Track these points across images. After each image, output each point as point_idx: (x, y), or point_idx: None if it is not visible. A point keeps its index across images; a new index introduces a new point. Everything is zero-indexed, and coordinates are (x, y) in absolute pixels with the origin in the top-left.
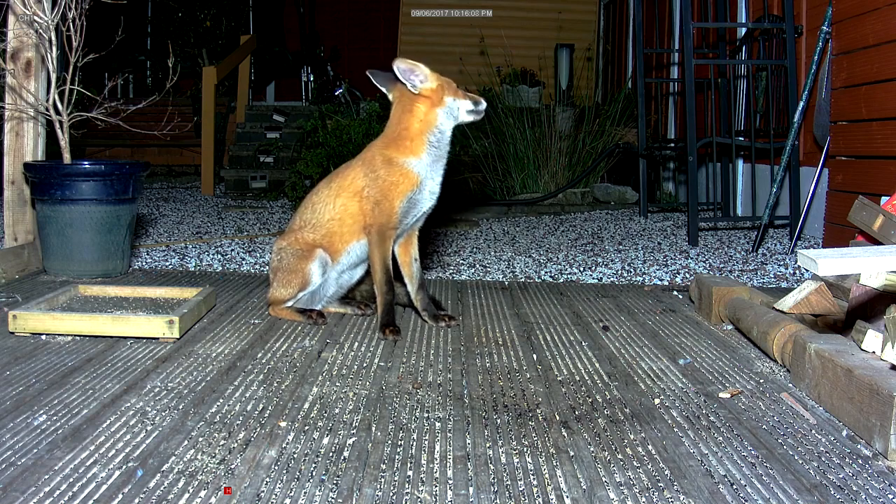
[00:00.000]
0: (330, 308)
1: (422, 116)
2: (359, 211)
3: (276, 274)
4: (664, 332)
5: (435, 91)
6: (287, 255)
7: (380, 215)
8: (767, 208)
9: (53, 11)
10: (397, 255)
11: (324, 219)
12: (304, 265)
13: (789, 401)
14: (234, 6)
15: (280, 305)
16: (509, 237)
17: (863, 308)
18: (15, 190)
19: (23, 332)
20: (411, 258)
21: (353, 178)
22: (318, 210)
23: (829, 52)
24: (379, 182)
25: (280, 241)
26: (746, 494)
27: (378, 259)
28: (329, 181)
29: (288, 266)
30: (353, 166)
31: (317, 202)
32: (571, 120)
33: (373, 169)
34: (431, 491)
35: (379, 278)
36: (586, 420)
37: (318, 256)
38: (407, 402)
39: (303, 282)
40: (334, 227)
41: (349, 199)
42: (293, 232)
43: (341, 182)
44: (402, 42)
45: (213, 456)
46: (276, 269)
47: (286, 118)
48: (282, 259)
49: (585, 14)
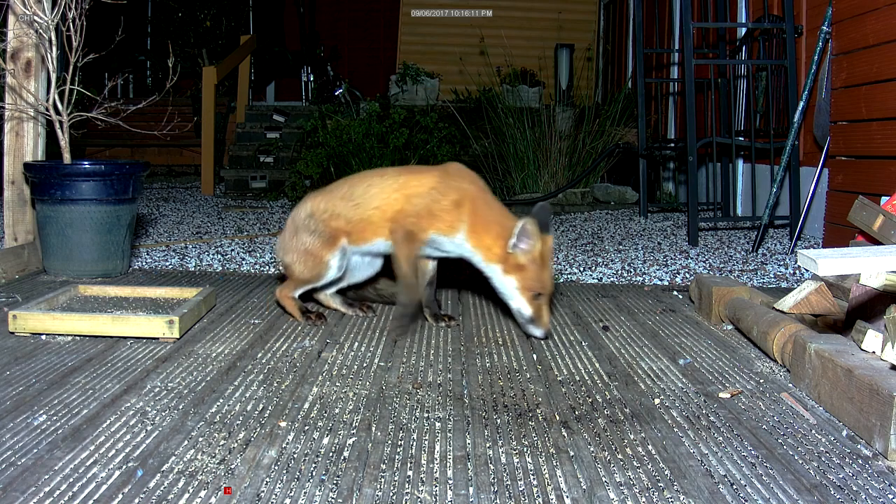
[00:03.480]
0: (332, 303)
1: (495, 257)
2: (399, 209)
3: (296, 255)
4: (664, 332)
5: (519, 266)
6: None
7: (413, 225)
8: (767, 208)
9: (53, 11)
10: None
11: (370, 205)
12: (325, 253)
13: (789, 401)
14: (234, 6)
15: (291, 291)
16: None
17: (863, 308)
18: (15, 190)
19: (23, 332)
20: (426, 267)
21: (420, 183)
22: (371, 194)
23: (829, 52)
24: (434, 208)
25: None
26: (746, 494)
27: (404, 256)
28: (399, 172)
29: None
30: (429, 173)
31: (372, 186)
32: (571, 120)
33: (442, 193)
34: (431, 491)
35: (405, 271)
36: (586, 420)
37: (340, 246)
38: (407, 402)
39: (321, 271)
40: (375, 217)
41: (405, 196)
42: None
43: (409, 180)
44: (402, 42)
45: (213, 456)
46: (297, 251)
47: (286, 118)
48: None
49: (585, 14)
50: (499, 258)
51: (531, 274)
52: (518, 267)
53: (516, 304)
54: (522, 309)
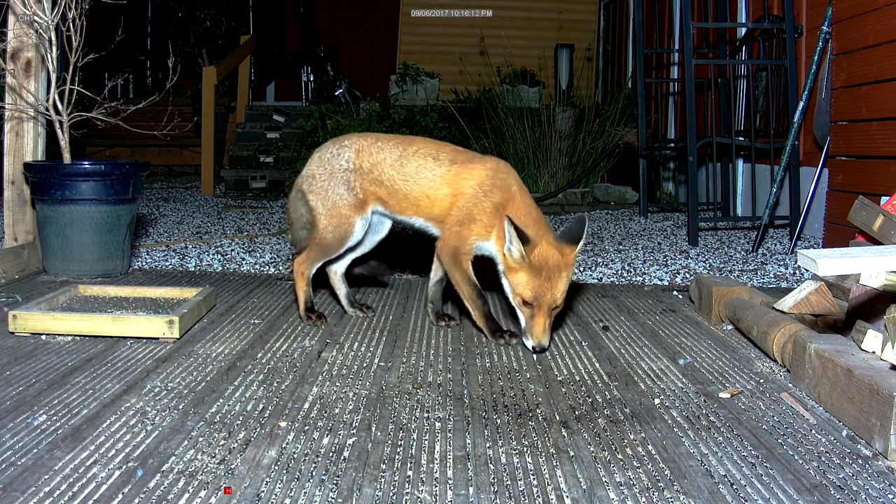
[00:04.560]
0: (338, 290)
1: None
2: (447, 208)
3: (326, 205)
4: (664, 332)
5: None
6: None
7: (458, 239)
8: (767, 208)
9: (53, 11)
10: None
11: (419, 189)
12: (353, 215)
13: (789, 401)
14: (234, 6)
15: (310, 265)
16: None
17: (863, 308)
18: (15, 190)
19: (23, 332)
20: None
21: (470, 175)
22: (422, 177)
23: (829, 52)
24: (475, 211)
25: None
26: (746, 494)
27: (460, 279)
28: (452, 159)
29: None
30: (479, 166)
31: (424, 168)
32: (571, 120)
33: (486, 193)
34: (431, 491)
35: (467, 293)
36: (586, 420)
37: (369, 210)
38: (407, 402)
39: (346, 233)
40: (422, 203)
41: (453, 195)
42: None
43: (460, 171)
44: (402, 42)
45: (213, 456)
46: (327, 199)
47: (286, 118)
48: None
49: (585, 14)
50: (503, 260)
51: (521, 279)
52: (511, 269)
53: (515, 310)
54: (519, 315)
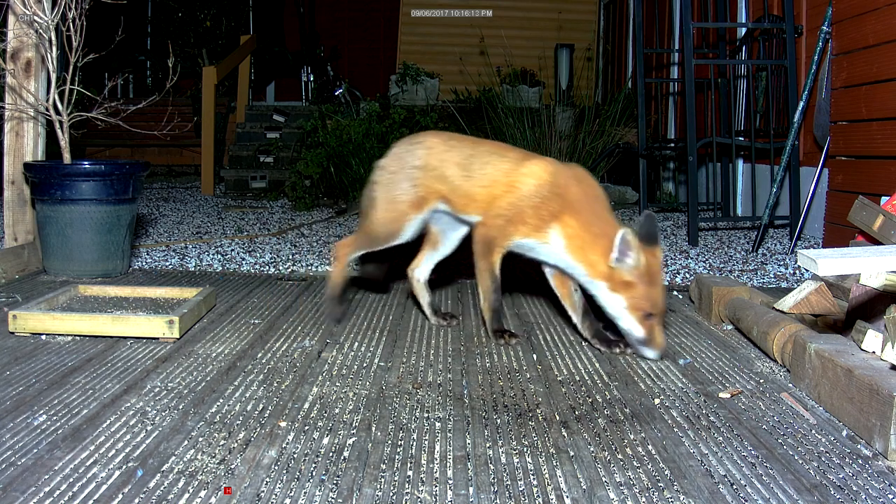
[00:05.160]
0: (421, 298)
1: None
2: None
3: (386, 194)
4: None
5: (626, 283)
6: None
7: (498, 230)
8: (767, 208)
9: (53, 11)
10: (554, 286)
11: (479, 182)
12: (411, 212)
13: (789, 401)
14: (234, 6)
15: (353, 248)
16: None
17: (863, 308)
18: (15, 190)
19: (23, 332)
20: (570, 289)
21: (532, 173)
22: (484, 172)
23: (829, 52)
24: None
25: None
26: (746, 494)
27: (485, 268)
28: (517, 157)
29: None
30: (547, 167)
31: (488, 164)
32: (571, 120)
33: (544, 197)
34: (431, 491)
35: (486, 285)
36: (586, 420)
37: (426, 210)
38: (407, 402)
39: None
40: (481, 196)
41: (509, 186)
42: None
43: (521, 167)
44: (402, 42)
45: (213, 456)
46: (389, 191)
47: (286, 118)
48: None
49: (585, 14)
50: (604, 275)
51: (640, 292)
52: (625, 284)
53: (626, 325)
54: (633, 330)
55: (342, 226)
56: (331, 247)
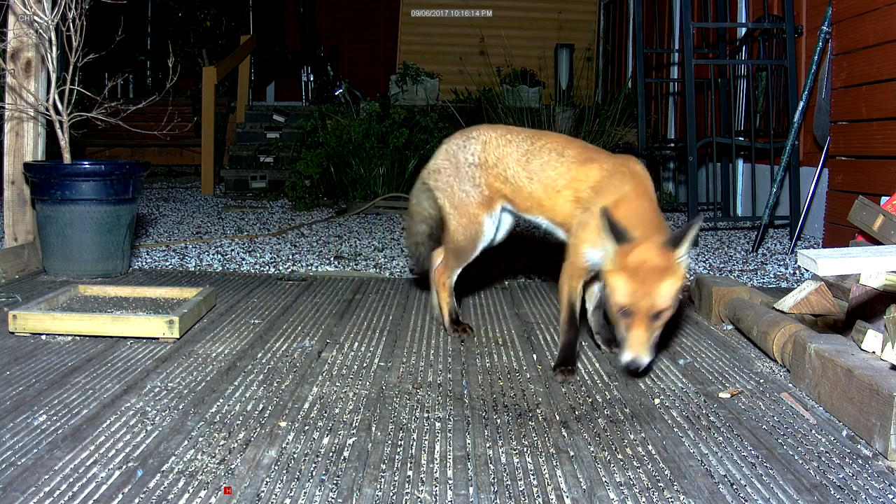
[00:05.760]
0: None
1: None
2: (567, 212)
3: (454, 203)
4: (664, 332)
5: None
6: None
7: (571, 250)
8: (767, 208)
9: (53, 11)
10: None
11: (541, 186)
12: (481, 212)
13: (789, 401)
14: (234, 6)
15: (450, 272)
16: (509, 236)
17: (863, 308)
18: (15, 190)
19: (23, 332)
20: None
21: (586, 177)
22: (545, 176)
23: (829, 52)
24: (585, 216)
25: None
26: (746, 494)
27: (564, 295)
28: (576, 156)
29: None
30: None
31: (548, 165)
32: (571, 120)
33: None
34: (431, 491)
35: (564, 316)
36: (586, 420)
37: (497, 208)
38: (407, 402)
39: (477, 232)
40: (545, 203)
41: (574, 199)
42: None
43: (578, 172)
44: (402, 42)
45: (213, 456)
46: (455, 197)
47: (286, 118)
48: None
49: (585, 14)
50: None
51: (616, 282)
52: (607, 273)
53: (615, 325)
54: (617, 329)
55: (342, 226)
56: (431, 277)
